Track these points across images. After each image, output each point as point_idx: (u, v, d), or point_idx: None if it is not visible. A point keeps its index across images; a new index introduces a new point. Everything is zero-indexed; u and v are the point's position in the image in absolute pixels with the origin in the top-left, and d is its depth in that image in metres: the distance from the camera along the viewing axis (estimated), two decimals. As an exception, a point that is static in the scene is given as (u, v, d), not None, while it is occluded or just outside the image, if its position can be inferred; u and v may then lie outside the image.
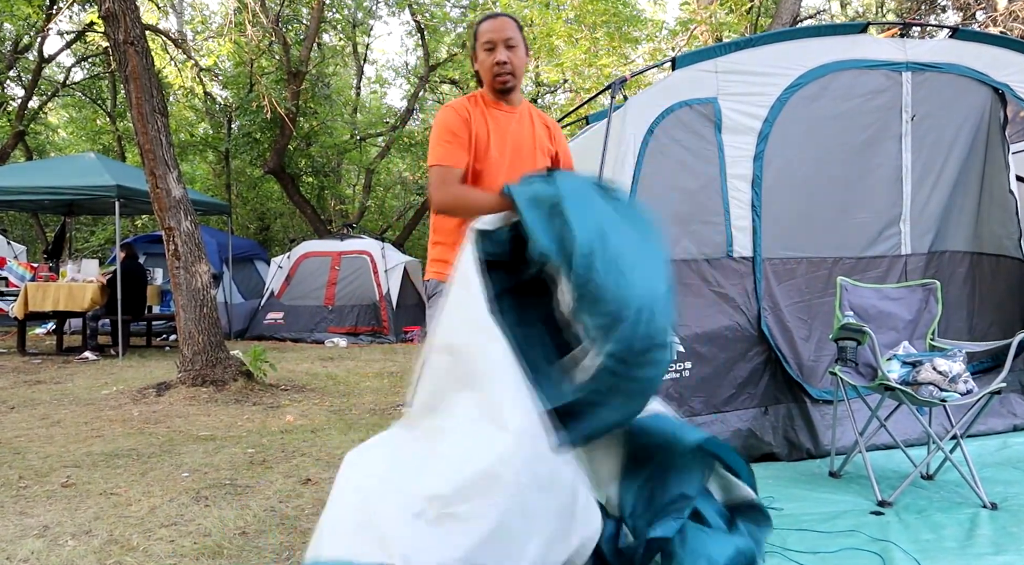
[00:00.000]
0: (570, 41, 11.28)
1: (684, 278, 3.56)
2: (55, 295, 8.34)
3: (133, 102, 5.83)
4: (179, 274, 5.87)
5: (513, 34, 2.44)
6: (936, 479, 3.28)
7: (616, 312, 1.99)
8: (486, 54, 2.45)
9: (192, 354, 5.83)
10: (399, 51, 34.06)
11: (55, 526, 2.80)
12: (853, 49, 3.82)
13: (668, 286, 2.11)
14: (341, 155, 17.20)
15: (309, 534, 2.68)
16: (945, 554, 2.41)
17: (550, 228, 2.09)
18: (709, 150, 3.62)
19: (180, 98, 16.26)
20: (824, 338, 3.78)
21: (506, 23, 2.45)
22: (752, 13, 11.63)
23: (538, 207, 2.13)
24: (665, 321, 2.05)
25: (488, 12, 2.51)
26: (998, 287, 4.15)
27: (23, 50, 14.71)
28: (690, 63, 3.60)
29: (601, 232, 2.06)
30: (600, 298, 2.00)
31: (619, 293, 2.00)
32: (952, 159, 4.06)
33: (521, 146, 2.51)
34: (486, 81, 2.49)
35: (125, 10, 5.76)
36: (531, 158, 2.51)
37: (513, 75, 2.44)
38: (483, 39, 2.45)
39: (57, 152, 19.64)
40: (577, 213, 2.08)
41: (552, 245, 2.06)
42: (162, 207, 5.87)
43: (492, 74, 2.44)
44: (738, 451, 3.53)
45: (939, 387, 3.00)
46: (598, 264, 2.01)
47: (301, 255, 11.01)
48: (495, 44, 2.43)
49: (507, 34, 2.43)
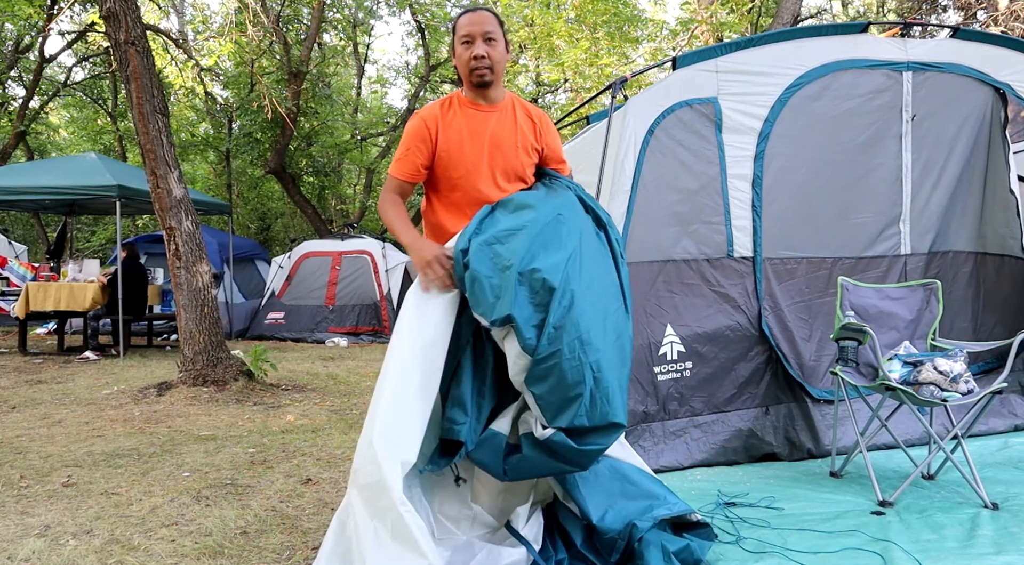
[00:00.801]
0: (571, 41, 11.28)
1: (684, 278, 3.56)
2: (56, 295, 8.34)
3: (134, 102, 5.84)
4: (180, 274, 5.87)
5: (492, 28, 2.36)
6: (937, 479, 3.28)
7: (574, 392, 1.95)
8: (463, 48, 2.38)
9: (193, 354, 5.83)
10: (400, 51, 34.08)
11: (56, 526, 2.80)
12: (854, 49, 3.82)
13: (628, 356, 2.09)
14: (342, 155, 17.21)
15: (310, 534, 2.69)
16: (946, 554, 2.40)
17: (501, 288, 2.03)
18: (710, 150, 3.62)
19: (181, 98, 16.26)
20: (825, 338, 3.78)
21: (484, 16, 2.37)
22: (753, 13, 11.63)
23: (486, 265, 2.08)
24: (622, 398, 2.02)
25: (468, 6, 2.46)
26: (1002, 287, 4.15)
27: (24, 50, 14.72)
28: (691, 63, 3.59)
29: (570, 297, 2.00)
30: (560, 380, 1.96)
31: (579, 372, 1.96)
32: (953, 159, 4.06)
33: (501, 146, 2.44)
34: (464, 76, 2.42)
35: (126, 10, 5.76)
36: (513, 158, 2.45)
37: (491, 70, 2.37)
38: (461, 33, 2.38)
39: (58, 152, 19.65)
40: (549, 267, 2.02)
41: (503, 312, 1.99)
42: (163, 207, 5.87)
43: (469, 68, 2.38)
44: (739, 451, 3.57)
45: (940, 387, 3.00)
46: (563, 344, 1.96)
47: (302, 255, 11.01)
48: (473, 38, 2.36)
49: (485, 28, 2.35)
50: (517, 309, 1.98)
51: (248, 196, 18.03)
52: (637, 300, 3.45)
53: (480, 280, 2.05)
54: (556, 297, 1.99)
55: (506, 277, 2.03)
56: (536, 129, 2.53)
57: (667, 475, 3.37)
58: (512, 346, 2.02)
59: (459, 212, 2.44)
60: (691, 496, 3.05)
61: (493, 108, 2.46)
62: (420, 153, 2.41)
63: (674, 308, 3.53)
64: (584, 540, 2.24)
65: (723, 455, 3.55)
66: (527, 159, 2.48)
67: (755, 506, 2.93)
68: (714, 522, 2.74)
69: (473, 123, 2.43)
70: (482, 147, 2.42)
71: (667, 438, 3.47)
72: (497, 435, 2.16)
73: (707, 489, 3.17)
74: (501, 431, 2.16)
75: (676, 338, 3.52)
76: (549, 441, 2.01)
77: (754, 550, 2.48)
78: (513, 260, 2.05)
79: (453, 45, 2.45)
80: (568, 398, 1.96)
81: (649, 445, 3.43)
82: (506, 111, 2.48)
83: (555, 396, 1.98)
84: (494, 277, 2.05)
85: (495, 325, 2.02)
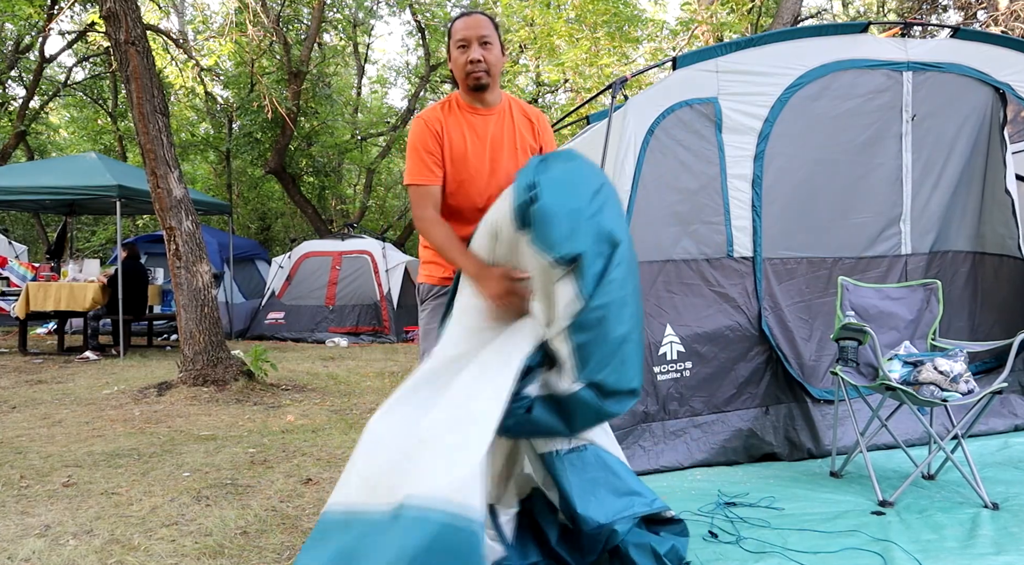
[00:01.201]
0: (571, 41, 11.27)
1: (684, 278, 3.56)
2: (56, 295, 8.35)
3: (134, 102, 5.84)
4: (180, 274, 5.88)
5: (488, 32, 2.37)
6: (937, 479, 3.28)
7: (614, 345, 2.02)
8: (459, 52, 2.38)
9: (193, 354, 5.83)
10: (400, 51, 34.06)
11: (56, 526, 2.80)
12: (854, 49, 3.82)
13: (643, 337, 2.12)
14: (342, 155, 17.20)
15: (310, 534, 2.68)
16: (946, 554, 2.41)
17: (574, 227, 2.06)
18: (709, 150, 3.62)
19: (181, 98, 16.26)
20: (825, 338, 3.78)
21: (480, 20, 2.38)
22: (753, 13, 11.62)
23: (559, 201, 2.09)
24: (640, 369, 2.11)
25: (463, 10, 2.46)
26: (1001, 287, 4.15)
27: (24, 50, 14.72)
28: (691, 63, 3.59)
29: (626, 258, 2.08)
30: (604, 332, 2.01)
31: (623, 328, 2.03)
32: (953, 159, 4.06)
33: (501, 149, 2.44)
34: (460, 80, 2.42)
35: (126, 10, 5.76)
36: (512, 160, 2.45)
37: (487, 73, 2.37)
38: (457, 37, 2.38)
39: (58, 152, 19.65)
40: (614, 222, 2.09)
41: (577, 248, 2.02)
42: (163, 207, 5.87)
43: (465, 72, 2.37)
44: (739, 451, 3.57)
45: (940, 387, 3.00)
46: (614, 297, 2.02)
47: (302, 255, 11.01)
48: (469, 42, 2.36)
49: (481, 31, 2.36)
50: (588, 248, 2.01)
51: (248, 196, 18.03)
52: (637, 300, 3.45)
53: (556, 213, 2.03)
54: (618, 252, 2.04)
55: (577, 217, 2.04)
56: (534, 129, 2.53)
57: (667, 475, 3.37)
58: (566, 289, 2.02)
59: (460, 218, 2.43)
60: (691, 496, 3.05)
61: (491, 111, 2.46)
62: (434, 153, 2.40)
63: (674, 308, 3.53)
64: (560, 537, 2.22)
65: (723, 455, 3.55)
66: (524, 160, 2.47)
67: (755, 506, 2.93)
68: (714, 522, 2.75)
69: (474, 126, 2.43)
70: (484, 149, 2.43)
71: (667, 438, 3.47)
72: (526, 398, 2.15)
73: (707, 489, 3.17)
74: (530, 394, 2.15)
75: (676, 338, 3.52)
76: (574, 397, 2.03)
77: (754, 550, 2.48)
78: (582, 204, 2.06)
79: (449, 49, 2.44)
80: (607, 351, 2.01)
81: (649, 445, 3.43)
82: (503, 113, 2.48)
83: (596, 347, 2.00)
84: (565, 215, 2.05)
85: (561, 262, 2.01)
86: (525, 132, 2.50)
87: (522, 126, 2.50)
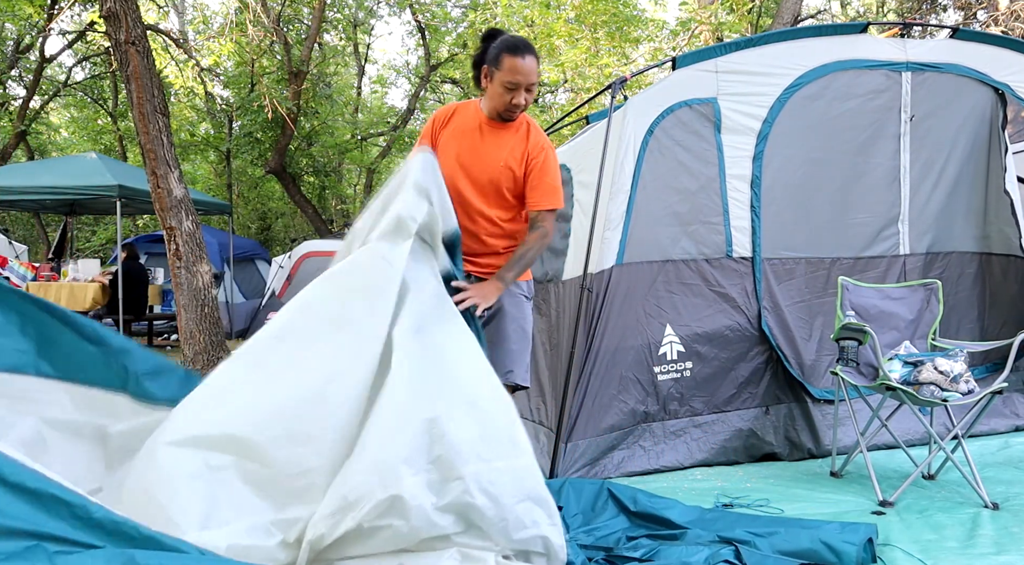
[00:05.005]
0: (571, 41, 11.26)
1: (684, 278, 3.57)
2: (56, 295, 8.34)
3: (134, 102, 5.84)
4: (180, 274, 5.88)
5: (536, 79, 2.47)
6: (937, 479, 3.28)
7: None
8: (505, 90, 2.45)
9: (193, 354, 5.83)
10: (400, 51, 33.97)
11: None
12: (853, 49, 3.82)
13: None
14: (342, 155, 17.20)
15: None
16: (946, 554, 2.41)
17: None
18: (709, 150, 3.62)
19: (181, 98, 16.25)
20: (825, 338, 3.78)
21: (534, 67, 2.45)
22: (753, 13, 11.62)
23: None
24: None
25: (516, 38, 2.51)
26: (1009, 287, 4.14)
27: (25, 50, 14.72)
28: (690, 63, 3.60)
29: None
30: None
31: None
32: (952, 159, 4.06)
33: (479, 174, 2.58)
34: (493, 106, 2.53)
35: (126, 10, 5.76)
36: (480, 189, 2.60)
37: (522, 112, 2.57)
38: (509, 76, 2.44)
39: (59, 152, 19.64)
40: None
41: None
42: (163, 207, 5.87)
43: (504, 108, 2.50)
44: (739, 451, 3.57)
45: (940, 387, 3.00)
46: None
47: (302, 255, 11.00)
48: (519, 86, 2.45)
49: (532, 79, 2.46)
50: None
51: (248, 196, 18.02)
52: (636, 300, 3.46)
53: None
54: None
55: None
56: (527, 168, 2.57)
57: (668, 475, 3.37)
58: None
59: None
60: (691, 496, 3.05)
61: (505, 127, 2.60)
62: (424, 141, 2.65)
63: (674, 308, 3.54)
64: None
65: (723, 455, 3.55)
66: (495, 198, 2.59)
67: (755, 506, 2.93)
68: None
69: (475, 143, 2.60)
70: (475, 154, 2.61)
71: (667, 438, 3.48)
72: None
73: (707, 489, 3.17)
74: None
75: (676, 338, 3.52)
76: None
77: (754, 550, 2.47)
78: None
79: (493, 72, 2.48)
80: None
81: (649, 445, 3.44)
82: (511, 135, 2.60)
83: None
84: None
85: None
86: (514, 165, 2.57)
87: (513, 162, 2.57)
